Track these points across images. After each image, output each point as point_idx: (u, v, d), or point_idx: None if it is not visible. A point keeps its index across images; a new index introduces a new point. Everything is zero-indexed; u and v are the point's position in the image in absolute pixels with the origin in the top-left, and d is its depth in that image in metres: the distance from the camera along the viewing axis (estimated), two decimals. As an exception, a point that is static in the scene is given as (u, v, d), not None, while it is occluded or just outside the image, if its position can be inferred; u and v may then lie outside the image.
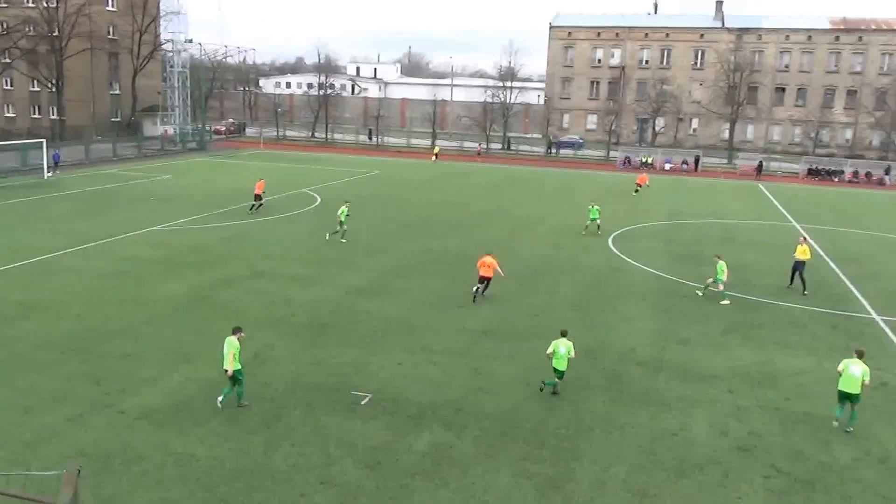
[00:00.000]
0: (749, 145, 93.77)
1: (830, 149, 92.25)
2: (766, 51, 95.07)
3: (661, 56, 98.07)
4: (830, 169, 73.87)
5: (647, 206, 46.26)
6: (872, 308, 25.03)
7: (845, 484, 13.40)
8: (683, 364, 18.94)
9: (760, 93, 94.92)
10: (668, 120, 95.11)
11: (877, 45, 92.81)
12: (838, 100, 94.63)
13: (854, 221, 44.68)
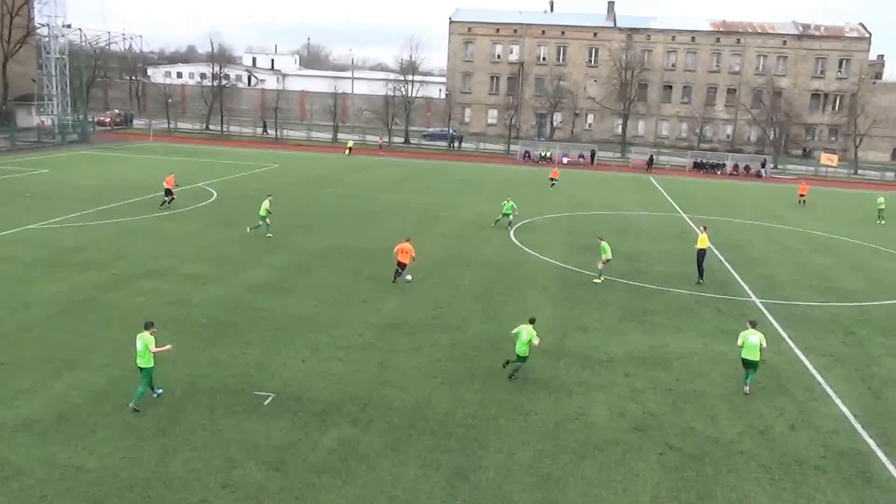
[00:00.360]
0: (640, 140, 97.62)
1: (713, 144, 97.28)
2: (654, 50, 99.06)
3: (557, 53, 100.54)
4: (714, 163, 77.99)
5: (547, 198, 47.43)
6: (752, 292, 26.64)
7: (731, 456, 14.26)
8: (583, 350, 19.60)
9: (650, 90, 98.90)
10: (566, 115, 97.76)
11: (753, 47, 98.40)
12: (720, 97, 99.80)
13: (735, 211, 47.34)
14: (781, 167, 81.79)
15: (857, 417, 16.34)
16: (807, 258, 33.53)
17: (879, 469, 14.11)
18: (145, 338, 14.86)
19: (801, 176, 73.15)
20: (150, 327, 15.14)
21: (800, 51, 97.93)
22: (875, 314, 24.76)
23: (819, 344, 21.27)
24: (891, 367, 19.70)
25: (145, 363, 14.80)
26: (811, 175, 76.85)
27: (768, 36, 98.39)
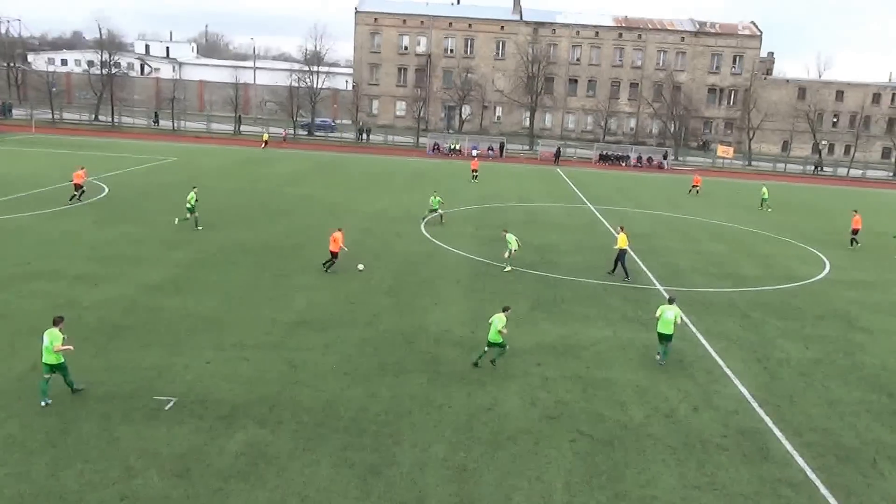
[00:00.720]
0: (548, 133, 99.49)
1: (618, 136, 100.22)
2: (559, 44, 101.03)
3: (465, 45, 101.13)
4: (618, 155, 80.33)
5: (457, 191, 47.56)
6: (656, 279, 27.48)
7: (639, 440, 14.61)
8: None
9: (556, 83, 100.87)
10: (474, 107, 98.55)
11: (654, 43, 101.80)
12: (623, 91, 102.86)
13: (638, 202, 48.85)
14: (682, 159, 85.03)
15: (754, 397, 17.06)
16: (706, 246, 34.89)
17: (776, 445, 14.75)
18: (53, 333, 14.14)
19: (699, 167, 76.27)
20: (59, 322, 14.43)
21: (697, 47, 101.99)
22: (768, 298, 25.99)
23: (718, 328, 22.12)
24: (784, 348, 20.69)
25: (53, 360, 14.11)
26: (709, 167, 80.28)
27: (667, 32, 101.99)
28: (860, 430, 15.73)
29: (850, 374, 19.09)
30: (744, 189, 61.62)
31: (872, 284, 29.22)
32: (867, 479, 13.71)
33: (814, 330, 22.60)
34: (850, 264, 32.76)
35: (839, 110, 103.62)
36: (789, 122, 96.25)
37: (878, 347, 21.38)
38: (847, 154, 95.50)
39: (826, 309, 25.08)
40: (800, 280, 29.05)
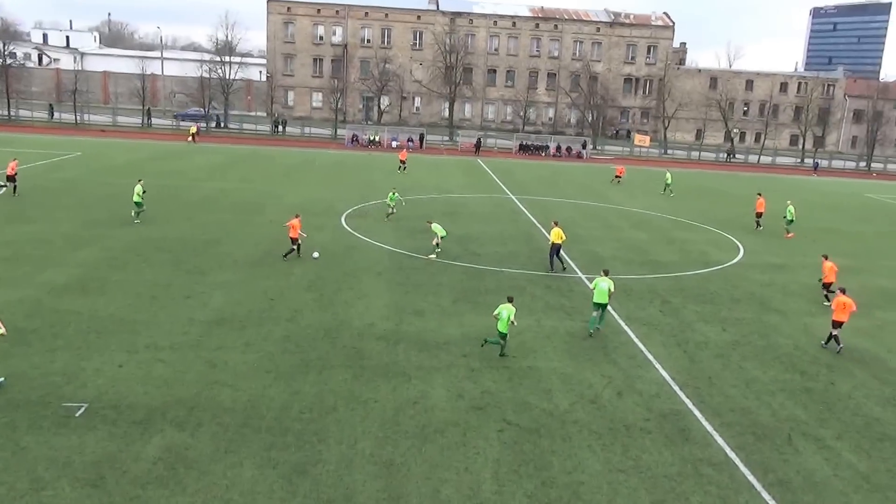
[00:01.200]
0: (468, 123, 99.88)
1: (537, 126, 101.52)
2: (477, 34, 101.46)
3: (381, 35, 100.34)
4: (538, 145, 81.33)
5: (377, 183, 47.10)
6: (578, 268, 27.87)
7: (565, 426, 14.73)
8: (420, 334, 19.52)
9: (475, 74, 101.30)
10: (393, 98, 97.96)
11: (570, 33, 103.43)
12: (541, 81, 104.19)
13: (559, 191, 49.54)
14: (600, 148, 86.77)
15: (675, 380, 17.47)
16: (626, 234, 35.64)
17: (696, 426, 15.12)
18: None
19: (618, 156, 77.97)
20: None
21: (612, 37, 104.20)
22: (687, 283, 26.72)
23: (640, 314, 22.58)
24: (702, 332, 21.29)
25: None
26: (626, 155, 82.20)
27: (583, 23, 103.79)
28: (776, 409, 16.31)
29: (765, 354, 19.80)
30: (660, 177, 63.30)
31: (783, 267, 30.45)
32: (783, 455, 14.20)
33: (730, 313, 23.35)
34: (763, 248, 34.06)
35: (749, 99, 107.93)
36: (702, 110, 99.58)
37: (790, 328, 22.26)
38: (757, 141, 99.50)
39: (741, 292, 25.97)
40: (716, 265, 30.00)
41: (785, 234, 37.58)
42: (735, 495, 12.66)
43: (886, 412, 16.53)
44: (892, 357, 20.20)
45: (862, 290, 27.34)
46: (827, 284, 25.20)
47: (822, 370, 18.87)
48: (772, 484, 13.08)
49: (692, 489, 12.76)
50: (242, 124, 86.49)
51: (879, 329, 22.74)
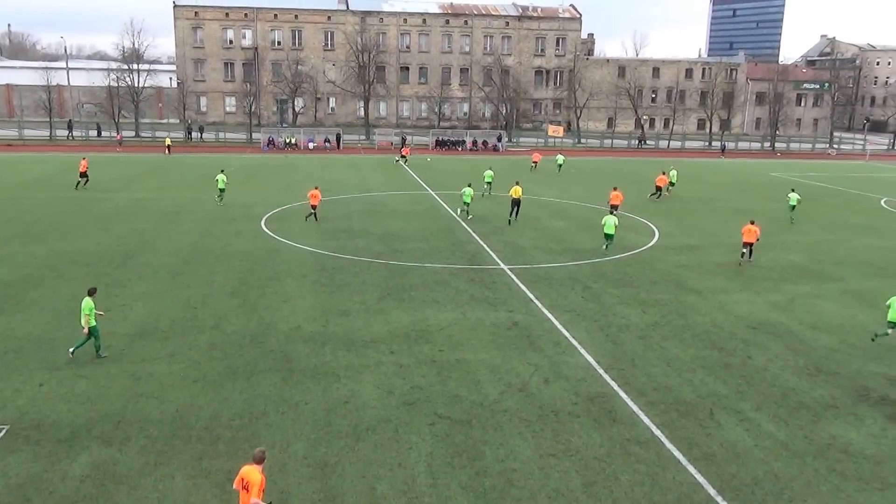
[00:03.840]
0: (384, 121, 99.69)
1: (453, 121, 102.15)
2: (388, 33, 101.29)
3: (292, 37, 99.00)
4: (455, 140, 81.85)
5: (296, 186, 46.52)
6: (500, 260, 28.26)
7: (495, 416, 14.96)
8: (347, 334, 19.45)
9: (388, 72, 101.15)
10: (307, 100, 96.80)
11: (480, 29, 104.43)
12: (454, 77, 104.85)
13: (478, 185, 49.91)
14: (515, 140, 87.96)
15: (599, 364, 17.96)
16: (545, 223, 36.31)
17: (622, 407, 15.59)
18: None
19: (533, 148, 79.19)
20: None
21: (521, 31, 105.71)
22: (605, 269, 27.45)
23: (562, 301, 23.08)
24: (624, 315, 21.94)
25: None
26: (541, 146, 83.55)
27: (492, 17, 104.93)
28: (696, 385, 16.98)
29: (684, 333, 20.55)
30: (575, 166, 64.65)
31: (697, 248, 31.64)
32: (706, 429, 14.80)
33: (649, 295, 24.13)
34: (677, 231, 35.28)
35: (657, 86, 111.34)
36: (612, 99, 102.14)
37: (707, 306, 23.17)
38: (666, 127, 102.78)
39: (659, 274, 26.86)
40: (633, 249, 30.92)
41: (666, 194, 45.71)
42: (662, 471, 13.12)
43: (801, 381, 17.40)
44: (803, 329, 21.28)
45: (773, 265, 28.77)
46: (747, 244, 28.56)
47: (739, 345, 19.73)
48: (697, 458, 13.61)
49: (621, 468, 13.17)
50: (155, 132, 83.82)
51: (791, 302, 23.91)
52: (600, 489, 12.48)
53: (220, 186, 39.16)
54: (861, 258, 30.73)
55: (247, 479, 10.26)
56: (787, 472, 13.25)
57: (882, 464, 13.69)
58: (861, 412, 15.86)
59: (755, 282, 26.26)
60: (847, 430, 15.00)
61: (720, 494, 12.44)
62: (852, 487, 12.86)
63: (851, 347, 19.84)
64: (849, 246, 33.28)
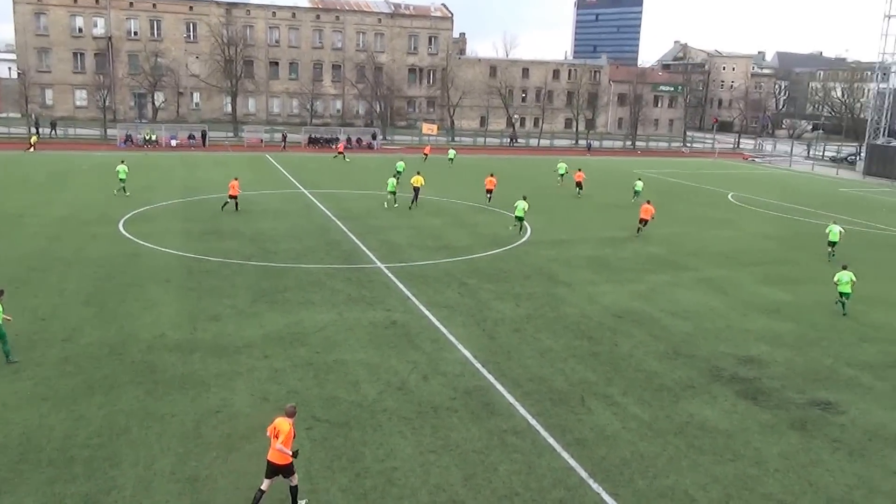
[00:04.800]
0: (253, 118, 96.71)
1: (326, 119, 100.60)
2: (256, 26, 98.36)
3: (151, 27, 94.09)
4: (328, 137, 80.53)
5: (159, 185, 44.23)
6: (376, 258, 28.02)
7: (375, 416, 14.76)
8: (217, 340, 18.62)
9: (256, 67, 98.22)
10: (169, 94, 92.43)
11: (352, 24, 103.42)
12: (326, 73, 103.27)
13: (353, 183, 49.47)
14: (390, 138, 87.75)
15: (476, 358, 18.12)
16: (420, 221, 36.35)
17: (499, 399, 15.80)
18: None
19: (408, 145, 79.31)
20: None
21: (394, 28, 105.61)
22: (481, 265, 27.81)
23: (439, 298, 23.15)
24: (499, 309, 22.28)
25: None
26: (416, 144, 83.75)
27: (364, 14, 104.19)
28: (568, 374, 17.46)
29: (556, 324, 21.11)
30: (444, 163, 65.23)
31: (567, 242, 32.65)
32: (578, 415, 15.24)
33: (522, 289, 24.63)
34: (548, 227, 36.23)
35: (526, 86, 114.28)
36: (485, 98, 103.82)
37: (576, 298, 23.93)
38: (536, 126, 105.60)
39: (531, 269, 27.49)
40: (506, 245, 31.49)
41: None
42: (538, 459, 13.39)
43: (662, 365, 18.30)
44: (663, 316, 22.40)
45: (636, 257, 30.16)
46: (643, 220, 34.63)
47: (607, 334, 20.50)
48: (570, 443, 13.99)
49: (499, 459, 13.31)
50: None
51: (651, 291, 25.12)
52: (479, 481, 12.57)
53: (120, 177, 39.81)
54: (713, 249, 32.77)
55: (277, 429, 11.47)
56: (651, 451, 13.87)
57: (733, 437, 14.63)
58: (715, 391, 16.88)
59: (619, 273, 27.42)
60: (703, 408, 15.92)
61: (592, 477, 12.85)
62: (708, 461, 13.63)
63: (706, 331, 21.10)
64: (702, 238, 35.42)
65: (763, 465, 13.61)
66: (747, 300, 24.59)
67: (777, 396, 16.73)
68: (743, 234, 37.14)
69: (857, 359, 19.51)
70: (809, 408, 16.20)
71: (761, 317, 22.78)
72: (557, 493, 12.32)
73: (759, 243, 34.83)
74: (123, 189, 39.86)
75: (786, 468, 13.52)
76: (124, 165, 40.75)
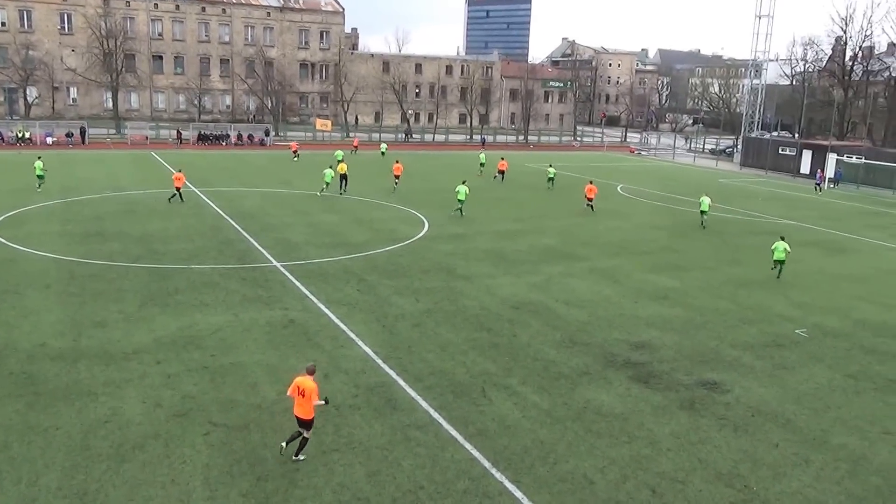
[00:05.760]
0: (137, 114, 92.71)
1: (215, 115, 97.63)
2: (137, 18, 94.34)
3: (20, 18, 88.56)
4: (218, 134, 78.11)
5: (33, 185, 41.63)
6: (272, 257, 27.43)
7: (275, 418, 14.45)
8: (104, 347, 17.74)
9: (139, 60, 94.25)
10: (42, 89, 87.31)
11: (239, 18, 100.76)
12: (214, 68, 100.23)
13: (245, 180, 48.23)
14: (283, 134, 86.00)
15: (377, 354, 18.06)
16: (317, 218, 35.85)
17: (402, 394, 15.80)
18: None
19: (302, 141, 77.90)
20: None
21: (284, 22, 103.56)
22: (379, 260, 27.71)
23: (338, 295, 22.91)
24: (399, 305, 22.27)
25: None
26: (310, 140, 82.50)
27: (253, 7, 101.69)
28: (469, 366, 17.67)
29: (455, 317, 21.31)
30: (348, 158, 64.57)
31: (464, 236, 32.97)
32: (479, 407, 15.45)
33: (421, 284, 24.71)
34: (446, 221, 36.48)
35: (420, 81, 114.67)
36: (379, 93, 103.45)
37: (475, 290, 24.22)
38: (431, 121, 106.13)
39: (429, 263, 27.61)
40: (404, 240, 31.50)
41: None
42: (441, 452, 13.48)
43: (560, 354, 18.81)
44: (559, 305, 23.01)
45: (531, 249, 30.82)
46: (589, 199, 40.81)
47: (505, 325, 20.86)
48: (472, 435, 14.16)
49: (403, 454, 13.32)
50: None
51: (547, 282, 25.76)
52: (384, 477, 12.54)
53: (37, 174, 40.02)
54: (604, 239, 33.96)
55: (302, 387, 12.79)
56: (551, 438, 14.24)
57: (628, 419, 15.23)
58: (609, 376, 17.52)
59: (516, 265, 27.98)
60: (599, 393, 16.49)
61: (494, 466, 13.06)
62: (605, 444, 14.14)
63: (599, 319, 21.85)
64: (594, 229, 36.63)
65: (656, 445, 14.22)
66: (638, 288, 25.61)
67: (667, 379, 17.51)
68: (632, 224, 38.65)
69: (739, 340, 20.68)
70: (697, 388, 17.05)
71: (651, 303, 23.78)
72: (461, 485, 12.45)
73: (648, 233, 36.34)
74: (39, 185, 40.01)
75: (677, 447, 14.18)
76: (40, 161, 41.00)
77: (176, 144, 70.88)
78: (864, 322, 22.93)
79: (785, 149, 74.73)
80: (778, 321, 22.59)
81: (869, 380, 18.17)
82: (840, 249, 34.65)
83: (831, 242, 34.00)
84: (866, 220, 44.53)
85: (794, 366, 18.88)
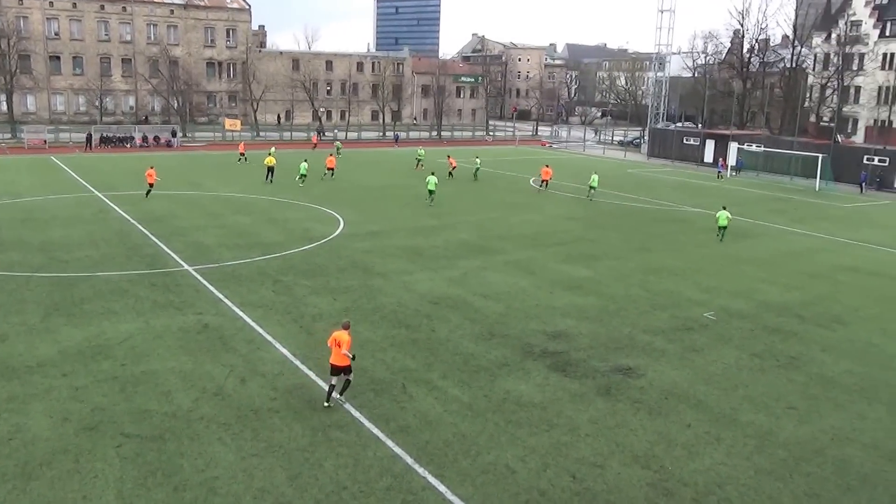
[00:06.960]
0: (34, 117, 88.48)
1: (118, 116, 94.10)
2: (31, 17, 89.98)
3: None
4: (122, 136, 75.27)
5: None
6: (183, 261, 26.70)
7: (191, 425, 14.11)
8: (6, 361, 16.90)
9: (34, 61, 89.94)
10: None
11: (141, 16, 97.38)
12: (116, 68, 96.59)
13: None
14: (191, 135, 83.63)
15: (296, 356, 17.86)
16: (230, 220, 35.05)
17: (321, 395, 15.65)
18: None
19: (210, 142, 76.03)
20: None
21: (188, 20, 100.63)
22: (295, 261, 27.36)
23: (253, 297, 22.51)
24: (315, 304, 22.07)
25: None
26: (219, 140, 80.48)
27: (155, 5, 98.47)
28: (389, 363, 17.70)
29: (373, 315, 21.27)
30: (257, 159, 63.34)
31: (380, 234, 32.90)
32: (400, 403, 15.51)
33: (338, 283, 24.55)
34: (361, 219, 36.28)
35: (331, 79, 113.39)
36: (289, 92, 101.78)
37: (392, 287, 24.23)
38: (343, 119, 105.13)
39: (346, 262, 27.44)
40: (320, 239, 31.19)
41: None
42: (364, 450, 13.47)
43: (479, 347, 19.04)
44: (476, 299, 23.27)
45: (447, 244, 31.04)
46: (545, 181, 47.15)
47: (424, 321, 20.97)
48: (394, 431, 14.20)
49: (325, 455, 13.25)
50: None
51: (464, 276, 26.00)
52: (306, 479, 12.45)
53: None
54: (518, 232, 34.53)
55: (339, 339, 15.06)
56: (472, 430, 14.43)
57: (547, 408, 15.59)
58: (528, 366, 17.87)
59: (433, 261, 28.13)
60: (518, 383, 16.80)
61: (417, 462, 13.15)
62: (526, 433, 14.43)
63: (516, 311, 22.24)
64: (508, 222, 37.18)
65: (575, 431, 14.61)
66: (553, 278, 26.18)
67: (584, 366, 18.00)
68: (545, 216, 39.41)
69: (651, 325, 21.44)
70: (613, 374, 17.59)
71: (566, 293, 24.36)
72: (384, 482, 12.48)
73: (561, 224, 37.15)
74: None
75: (595, 432, 14.61)
76: None
77: (82, 148, 67.89)
78: (767, 303, 24.13)
79: (689, 139, 77.63)
80: (687, 305, 23.53)
81: (773, 358, 19.16)
82: (743, 234, 36.29)
83: (735, 228, 35.60)
84: (767, 206, 46.80)
85: (704, 348, 19.72)
